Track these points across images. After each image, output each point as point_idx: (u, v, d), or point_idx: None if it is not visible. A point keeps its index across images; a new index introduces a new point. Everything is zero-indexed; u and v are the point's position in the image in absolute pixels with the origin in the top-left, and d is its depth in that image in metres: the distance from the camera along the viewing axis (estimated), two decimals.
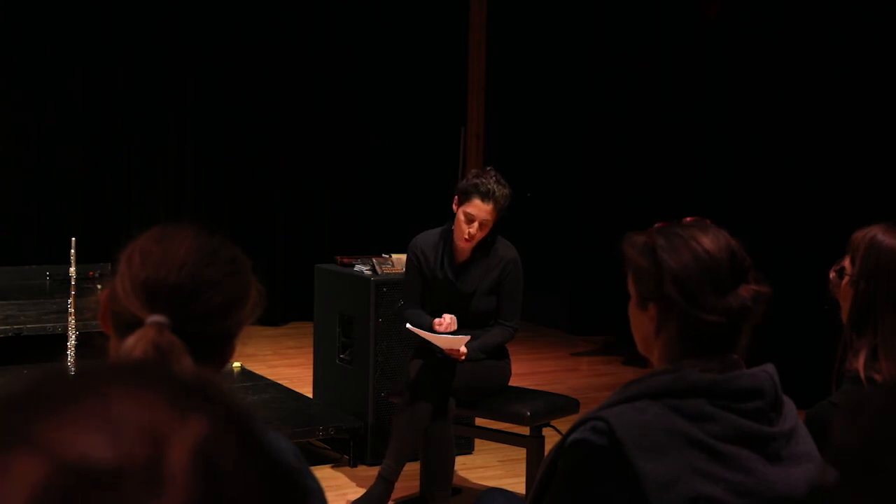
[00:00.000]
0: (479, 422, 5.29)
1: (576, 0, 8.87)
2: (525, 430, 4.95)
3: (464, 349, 4.75)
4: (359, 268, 5.71)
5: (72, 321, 5.10)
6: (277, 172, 9.18)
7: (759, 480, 2.05)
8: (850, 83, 6.69)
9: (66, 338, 5.11)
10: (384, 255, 5.78)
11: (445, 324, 4.83)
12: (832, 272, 2.89)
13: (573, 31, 8.92)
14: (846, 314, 2.84)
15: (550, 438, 4.64)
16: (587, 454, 2.02)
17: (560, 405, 5.03)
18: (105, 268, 6.64)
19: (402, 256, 5.36)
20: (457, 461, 4.96)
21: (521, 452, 4.98)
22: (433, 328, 4.84)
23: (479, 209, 4.78)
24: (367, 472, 5.23)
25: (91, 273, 6.74)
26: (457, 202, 4.85)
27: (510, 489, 3.57)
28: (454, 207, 4.87)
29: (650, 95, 8.22)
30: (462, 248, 4.93)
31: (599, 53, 8.61)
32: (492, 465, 5.63)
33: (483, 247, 4.92)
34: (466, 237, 4.82)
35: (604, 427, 2.01)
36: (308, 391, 6.13)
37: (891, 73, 6.53)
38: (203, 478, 0.62)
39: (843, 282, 2.84)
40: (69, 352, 5.07)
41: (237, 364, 6.43)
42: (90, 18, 8.62)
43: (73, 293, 5.17)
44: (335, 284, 5.87)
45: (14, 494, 0.59)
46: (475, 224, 4.80)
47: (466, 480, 5.39)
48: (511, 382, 5.06)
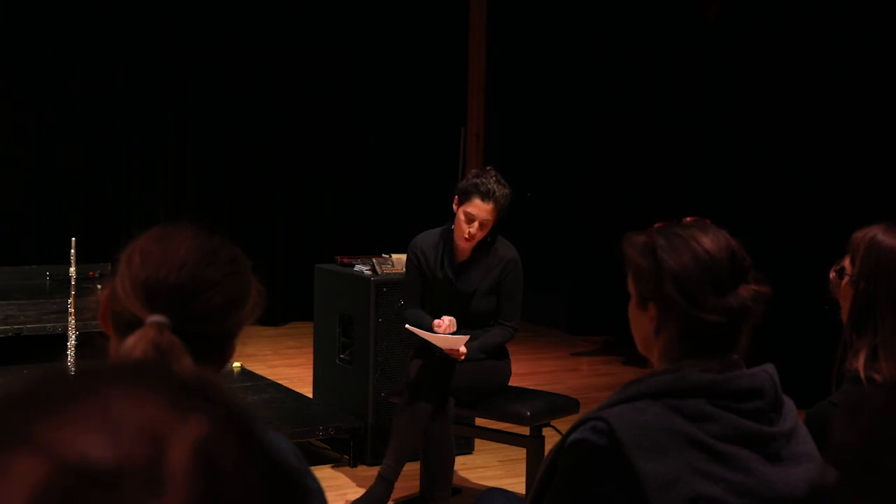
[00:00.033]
0: (479, 422, 5.29)
1: (576, 0, 8.87)
2: (525, 430, 4.95)
3: (463, 349, 4.75)
4: (359, 268, 5.71)
5: (72, 321, 5.10)
6: (277, 172, 9.18)
7: (759, 480, 2.05)
8: (850, 83, 6.69)
9: (66, 338, 5.11)
10: (384, 255, 5.78)
11: (444, 326, 4.83)
12: (832, 272, 2.89)
13: (573, 31, 8.92)
14: (846, 314, 2.84)
15: (550, 438, 4.63)
16: (587, 454, 2.02)
17: (560, 405, 5.03)
18: (105, 268, 6.64)
19: (402, 256, 5.35)
20: (457, 461, 4.96)
21: (521, 452, 4.98)
22: (433, 329, 4.84)
23: (480, 209, 4.78)
24: (367, 472, 5.23)
25: (91, 273, 6.73)
26: (457, 202, 4.85)
27: (510, 489, 3.57)
28: (454, 207, 4.87)
29: (650, 95, 8.22)
30: (462, 248, 4.92)
31: (599, 53, 8.61)
32: (492, 465, 5.63)
33: (483, 247, 4.92)
34: (467, 237, 4.82)
35: (604, 427, 2.01)
36: (308, 391, 6.13)
37: (891, 73, 6.53)
38: (203, 478, 0.62)
39: (843, 282, 2.84)
40: (69, 352, 5.07)
41: (237, 364, 6.42)
42: (90, 18, 8.62)
43: (73, 293, 5.17)
44: (335, 284, 5.87)
45: (14, 494, 0.60)
46: (475, 224, 4.80)
47: (466, 480, 5.39)
48: (511, 382, 5.06)
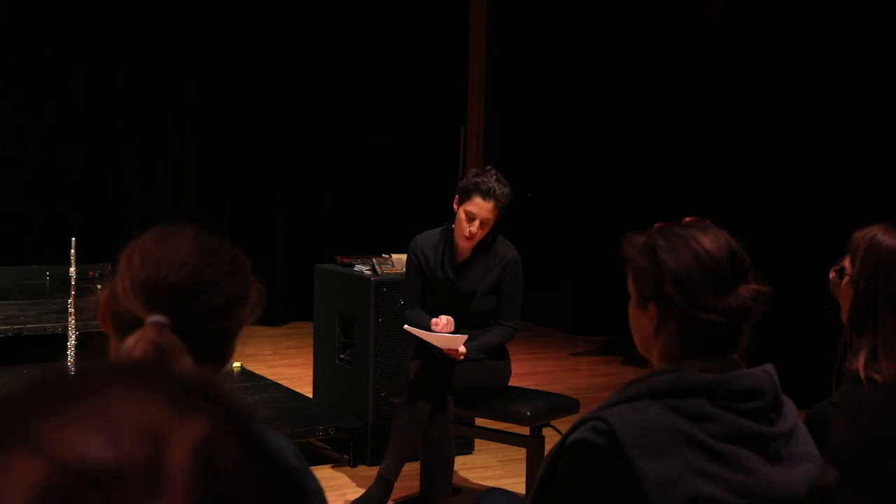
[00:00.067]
0: (479, 422, 5.29)
1: (576, 0, 8.87)
2: (525, 430, 4.95)
3: (462, 348, 4.75)
4: (359, 268, 5.71)
5: (72, 321, 5.10)
6: (277, 172, 9.18)
7: (759, 480, 2.05)
8: (850, 83, 6.69)
9: (66, 338, 5.11)
10: (384, 255, 5.78)
11: (441, 324, 4.83)
12: (832, 272, 2.89)
13: (573, 31, 8.92)
14: (846, 314, 2.84)
15: (550, 438, 4.63)
16: (587, 454, 2.02)
17: (560, 405, 5.03)
18: (105, 268, 6.64)
19: (402, 256, 5.35)
20: (457, 461, 4.96)
21: (521, 452, 4.98)
22: (431, 328, 4.83)
23: (481, 207, 4.78)
24: (367, 472, 5.23)
25: (91, 273, 6.73)
26: (457, 201, 4.85)
27: (510, 489, 3.57)
28: (455, 206, 4.87)
29: (650, 95, 8.22)
30: (463, 248, 4.92)
31: (599, 53, 8.61)
32: (492, 465, 5.63)
33: (483, 247, 4.92)
34: (467, 235, 4.82)
35: (604, 427, 2.01)
36: (308, 391, 6.13)
37: (891, 73, 6.53)
38: (203, 478, 0.62)
39: (843, 282, 2.84)
40: (69, 352, 5.07)
41: (237, 364, 6.42)
42: (90, 18, 8.62)
43: (73, 293, 5.17)
44: (335, 284, 5.87)
45: (14, 495, 0.60)
46: (476, 222, 4.80)
47: (466, 480, 5.39)
48: (511, 382, 5.06)
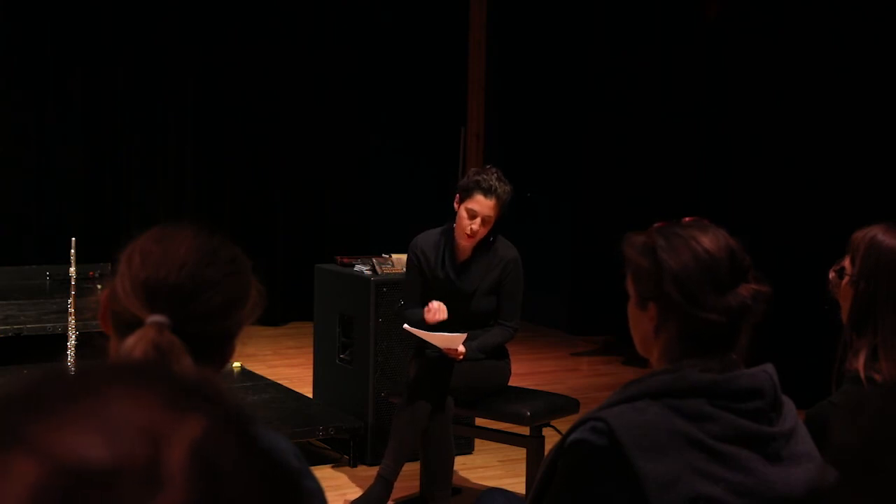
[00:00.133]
0: (479, 422, 5.29)
1: (576, 0, 8.87)
2: (525, 430, 4.95)
3: (462, 348, 4.75)
4: (359, 268, 5.71)
5: (72, 321, 5.10)
6: (277, 172, 9.18)
7: (759, 480, 2.05)
8: (850, 83, 6.69)
9: (66, 338, 5.11)
10: (384, 255, 5.78)
11: (434, 309, 4.81)
12: (832, 272, 2.89)
13: (573, 31, 8.92)
14: (846, 314, 2.84)
15: (550, 438, 4.63)
16: (587, 454, 2.02)
17: (560, 405, 5.03)
18: (105, 268, 6.64)
19: (402, 256, 5.35)
20: (457, 461, 4.95)
21: (521, 452, 4.98)
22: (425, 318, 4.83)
23: (482, 205, 4.78)
24: (367, 472, 5.23)
25: (91, 273, 6.73)
26: (458, 199, 4.84)
27: (510, 489, 3.57)
28: (455, 205, 4.87)
29: (650, 95, 8.22)
30: (463, 247, 4.92)
31: (599, 53, 8.61)
32: (492, 465, 5.63)
33: (484, 246, 4.92)
34: (469, 233, 4.81)
35: (603, 427, 2.01)
36: (308, 391, 6.13)
37: (891, 73, 6.53)
38: (201, 477, 0.62)
39: (843, 282, 2.84)
40: (69, 352, 5.07)
41: (237, 364, 6.42)
42: (90, 18, 8.62)
43: (73, 293, 5.17)
44: (335, 284, 5.87)
45: (13, 495, 0.60)
46: (477, 220, 4.79)
47: (466, 480, 5.39)
48: (511, 382, 5.06)
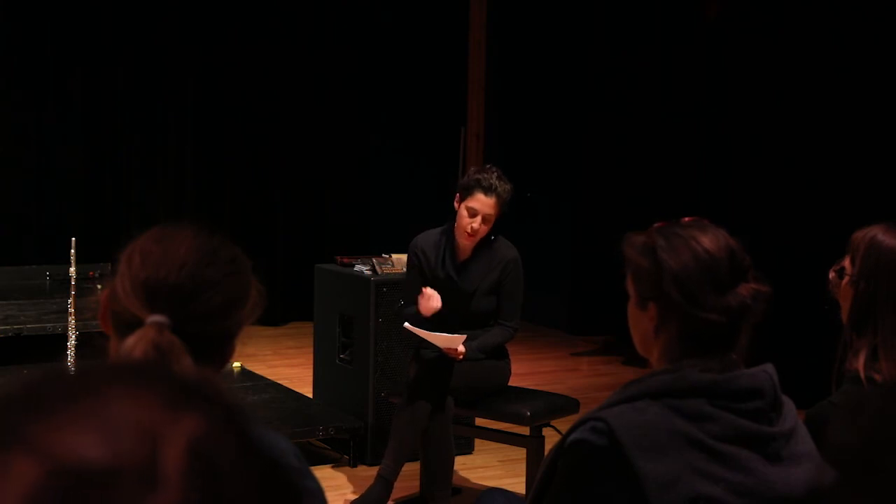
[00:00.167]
0: (479, 422, 5.29)
1: (576, 0, 8.87)
2: (525, 430, 4.95)
3: (461, 348, 4.75)
4: (359, 268, 5.71)
5: (72, 321, 5.10)
6: (277, 172, 9.18)
7: (759, 480, 2.05)
8: (850, 83, 6.69)
9: (66, 338, 5.11)
10: (384, 255, 5.78)
11: (427, 294, 4.81)
12: (832, 272, 2.89)
13: (573, 31, 8.92)
14: (846, 314, 2.84)
15: (550, 438, 4.64)
16: (587, 454, 2.02)
17: (560, 405, 5.03)
18: (105, 268, 6.64)
19: (403, 256, 5.35)
20: (457, 461, 4.95)
21: (521, 452, 4.98)
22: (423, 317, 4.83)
23: (482, 203, 4.78)
24: (367, 472, 5.22)
25: (91, 273, 6.73)
26: (458, 198, 4.84)
27: (510, 489, 3.57)
28: (455, 204, 4.86)
29: (650, 95, 8.22)
30: (463, 247, 4.92)
31: (599, 53, 8.61)
32: (492, 465, 5.63)
33: (484, 246, 4.91)
34: (469, 231, 4.81)
35: (603, 427, 2.01)
36: (308, 391, 6.13)
37: (891, 73, 6.53)
38: (198, 476, 0.62)
39: (843, 282, 2.84)
40: (69, 352, 5.07)
41: (237, 364, 6.42)
42: (90, 18, 8.62)
43: (73, 293, 5.17)
44: (335, 284, 5.87)
45: (11, 494, 0.60)
46: (478, 218, 4.79)
47: (466, 480, 5.39)
48: (511, 382, 5.06)
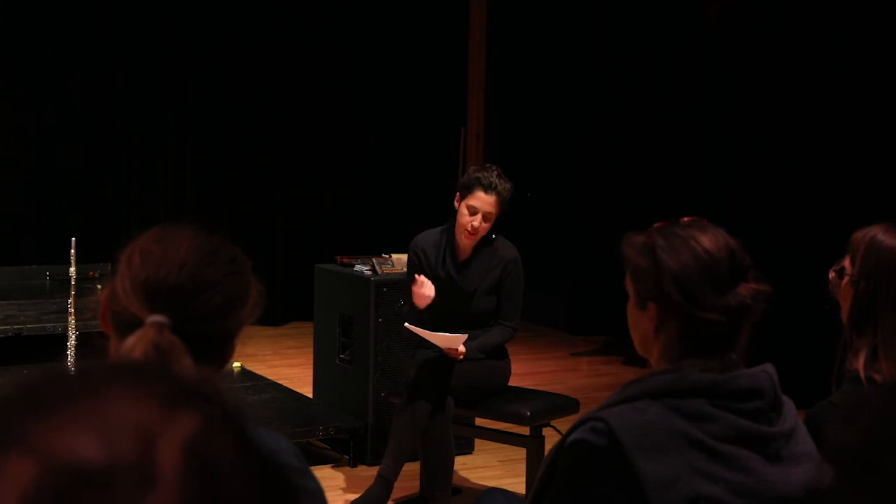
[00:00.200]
0: (479, 422, 5.29)
1: (576, 0, 8.87)
2: (525, 430, 4.94)
3: (462, 348, 4.75)
4: (359, 268, 5.71)
5: (72, 321, 5.10)
6: (277, 172, 9.18)
7: (759, 480, 2.05)
8: (850, 83, 6.69)
9: (66, 338, 5.11)
10: (384, 255, 5.78)
11: (420, 281, 4.81)
12: (832, 272, 2.89)
13: (573, 31, 8.92)
14: (846, 314, 2.84)
15: (550, 438, 4.63)
16: (587, 454, 2.02)
17: (560, 405, 5.03)
18: (105, 268, 6.63)
19: (403, 256, 5.35)
20: (457, 461, 4.95)
21: (521, 452, 4.98)
22: (422, 312, 4.83)
23: (483, 201, 4.77)
24: (367, 472, 5.22)
25: (91, 273, 6.73)
26: (458, 197, 4.84)
27: (510, 489, 3.57)
28: (455, 204, 4.86)
29: (650, 95, 8.22)
30: (464, 246, 4.92)
31: (599, 53, 8.61)
32: (492, 465, 5.63)
33: (484, 246, 4.91)
34: (470, 230, 4.81)
35: (603, 427, 2.01)
36: (308, 391, 6.13)
37: (891, 73, 6.53)
38: (194, 476, 0.62)
39: (843, 282, 2.84)
40: (69, 352, 5.07)
41: (237, 364, 6.42)
42: (90, 18, 8.62)
43: (73, 293, 5.17)
44: (335, 284, 5.87)
45: (7, 494, 0.60)
46: (478, 216, 4.79)
47: (466, 480, 5.39)
48: (511, 382, 5.06)
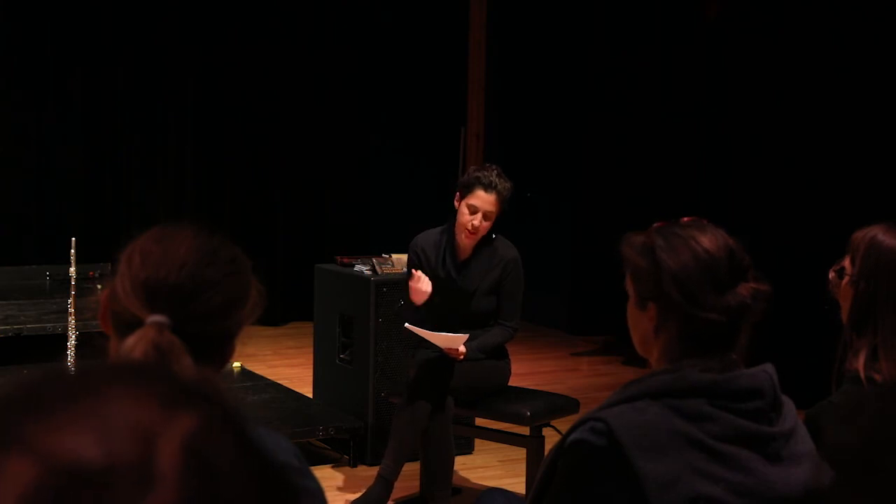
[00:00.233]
0: (479, 422, 5.29)
1: (576, 0, 8.87)
2: (525, 430, 4.94)
3: (462, 348, 4.75)
4: (359, 268, 5.71)
5: (72, 321, 5.10)
6: (277, 172, 9.18)
7: (759, 480, 2.05)
8: (850, 83, 6.69)
9: (66, 338, 5.11)
10: (384, 255, 5.78)
11: (416, 276, 4.81)
12: (832, 272, 2.89)
13: (573, 31, 8.92)
14: (846, 314, 2.84)
15: (550, 438, 4.63)
16: (586, 454, 2.02)
17: (560, 405, 5.03)
18: (105, 268, 6.63)
19: (403, 256, 5.35)
20: (457, 461, 4.95)
21: (521, 452, 4.98)
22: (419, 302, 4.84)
23: (483, 200, 4.78)
24: (367, 472, 5.22)
25: (91, 273, 6.73)
26: (458, 197, 4.84)
27: (510, 489, 3.56)
28: (455, 203, 4.86)
29: (650, 95, 8.22)
30: (464, 246, 4.92)
31: (599, 53, 8.61)
32: (492, 465, 5.63)
33: (484, 246, 4.92)
34: (470, 229, 4.81)
35: (603, 428, 2.01)
36: (308, 391, 6.13)
37: (891, 73, 6.53)
38: (194, 476, 0.62)
39: (843, 282, 2.84)
40: (69, 352, 5.07)
41: (237, 364, 6.42)
42: (90, 18, 8.62)
43: (73, 293, 5.17)
44: (335, 284, 5.87)
45: (6, 494, 0.60)
46: (479, 215, 4.79)
47: (466, 480, 5.39)
48: (511, 382, 5.06)
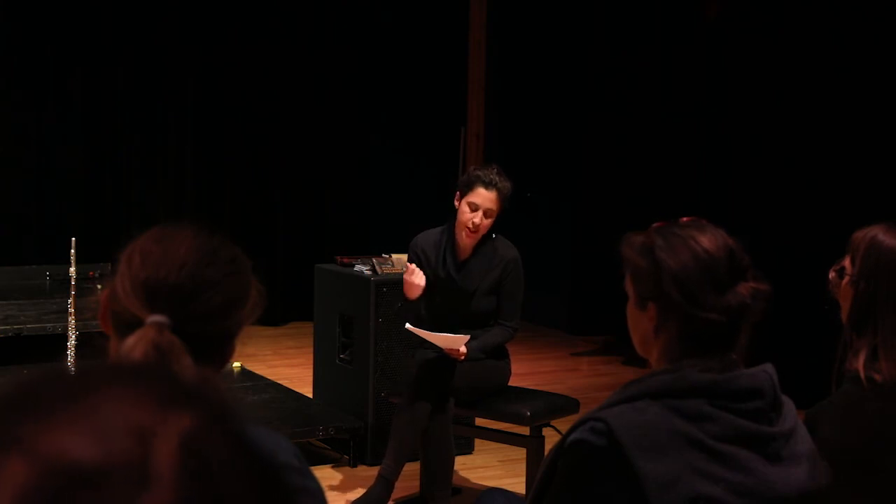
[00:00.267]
0: (479, 422, 5.29)
1: (576, 0, 8.87)
2: (525, 430, 4.95)
3: (463, 349, 4.75)
4: (359, 268, 5.71)
5: (72, 321, 5.10)
6: (277, 172, 9.18)
7: (759, 480, 2.05)
8: (850, 83, 6.69)
9: (66, 338, 5.11)
10: (384, 255, 5.78)
11: (410, 269, 4.81)
12: (832, 272, 2.89)
13: (573, 31, 8.92)
14: (846, 314, 2.84)
15: (550, 438, 4.63)
16: (586, 454, 2.02)
17: (560, 405, 5.03)
18: (105, 268, 6.64)
19: (403, 256, 5.35)
20: (457, 461, 4.95)
21: (521, 452, 4.98)
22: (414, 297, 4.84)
23: (483, 197, 4.78)
24: (367, 472, 5.23)
25: (91, 273, 6.73)
26: (458, 196, 4.85)
27: (510, 489, 3.56)
28: (456, 202, 4.86)
29: (650, 95, 8.22)
30: (464, 246, 4.92)
31: (599, 53, 8.61)
32: (492, 465, 5.63)
33: (484, 246, 4.92)
34: (471, 227, 4.81)
35: (602, 428, 2.01)
36: (308, 391, 6.13)
37: (891, 73, 6.53)
38: (191, 476, 0.62)
39: (843, 282, 2.84)
40: (69, 352, 5.07)
41: (237, 364, 6.42)
42: (90, 18, 8.62)
43: (73, 293, 5.17)
44: (335, 284, 5.87)
45: (4, 495, 0.60)
46: (479, 213, 4.79)
47: (466, 480, 5.39)
48: (511, 382, 5.06)
